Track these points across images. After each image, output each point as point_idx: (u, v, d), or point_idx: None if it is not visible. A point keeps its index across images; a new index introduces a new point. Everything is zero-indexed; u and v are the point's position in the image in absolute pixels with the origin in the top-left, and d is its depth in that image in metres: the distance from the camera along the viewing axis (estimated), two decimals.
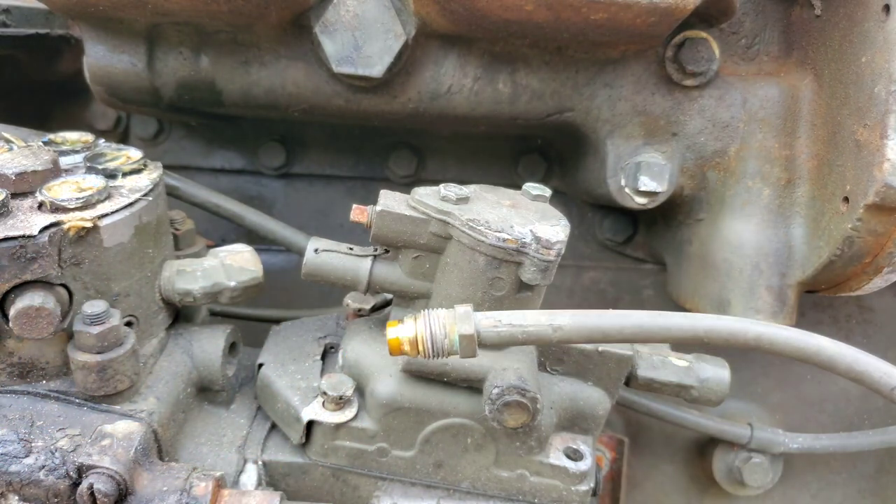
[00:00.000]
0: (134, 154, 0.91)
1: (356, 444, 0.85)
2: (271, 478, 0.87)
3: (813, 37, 1.02)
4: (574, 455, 0.87)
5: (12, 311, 0.72)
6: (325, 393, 0.84)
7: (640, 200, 1.06)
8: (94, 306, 0.75)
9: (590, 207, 1.32)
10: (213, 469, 0.80)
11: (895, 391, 0.68)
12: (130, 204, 0.81)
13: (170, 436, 0.82)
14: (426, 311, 0.70)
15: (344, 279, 0.85)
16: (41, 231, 0.72)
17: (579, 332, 0.65)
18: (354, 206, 0.83)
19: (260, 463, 0.87)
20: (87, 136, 0.96)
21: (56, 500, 0.72)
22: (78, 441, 0.74)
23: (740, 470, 1.31)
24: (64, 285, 0.76)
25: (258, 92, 1.03)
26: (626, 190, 1.06)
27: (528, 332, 0.66)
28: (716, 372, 0.93)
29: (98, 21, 0.98)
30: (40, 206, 0.77)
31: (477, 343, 0.67)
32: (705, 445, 1.37)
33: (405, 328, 0.71)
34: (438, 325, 0.69)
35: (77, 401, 0.79)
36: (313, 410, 0.84)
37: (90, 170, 0.86)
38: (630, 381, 0.92)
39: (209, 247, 0.99)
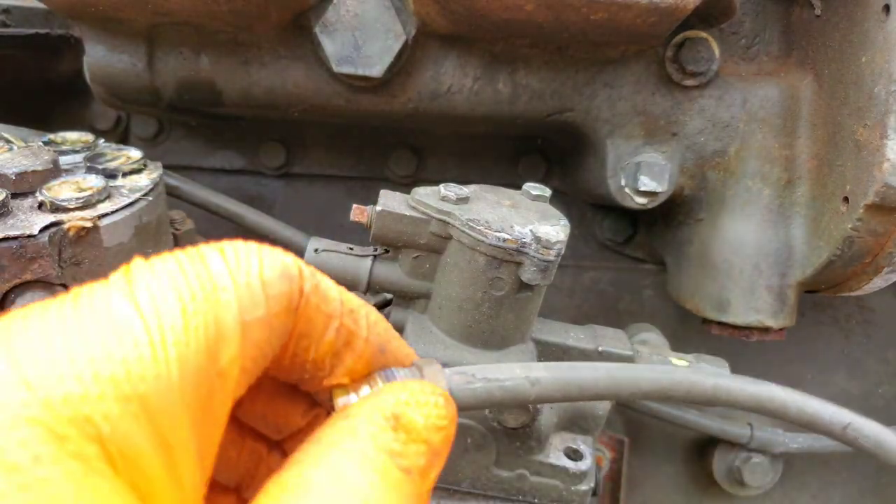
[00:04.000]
0: (134, 154, 0.91)
1: None
2: None
3: (813, 37, 1.02)
4: (574, 455, 0.87)
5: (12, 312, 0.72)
6: None
7: (640, 200, 1.06)
8: None
9: (590, 207, 1.32)
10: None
11: (847, 429, 0.66)
12: (130, 204, 0.81)
13: None
14: (383, 372, 0.62)
15: (344, 279, 0.85)
16: (41, 231, 0.72)
17: (557, 384, 0.61)
18: (354, 206, 0.83)
19: None
20: (87, 136, 0.96)
21: None
22: None
23: (740, 470, 1.31)
24: (64, 285, 0.76)
25: (258, 92, 1.04)
26: (626, 190, 1.06)
27: (504, 388, 0.59)
28: (716, 372, 0.93)
29: (98, 21, 0.98)
30: (40, 206, 0.77)
31: None
32: (705, 445, 1.37)
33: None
34: None
35: None
36: None
37: (90, 170, 0.86)
38: None
39: None
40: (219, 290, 0.37)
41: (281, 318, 0.40)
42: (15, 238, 0.71)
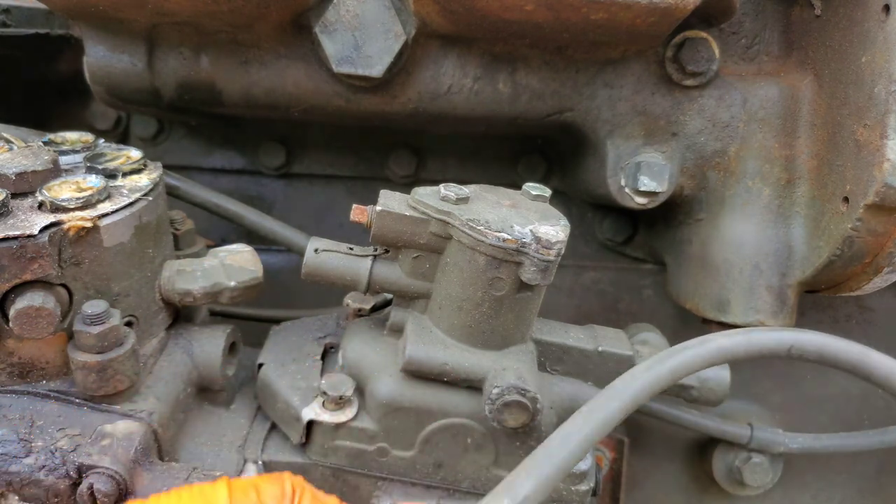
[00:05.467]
0: (134, 154, 0.91)
1: (356, 444, 0.85)
2: None
3: (813, 37, 1.02)
4: None
5: (12, 311, 0.72)
6: (325, 393, 0.84)
7: (640, 200, 1.06)
8: (94, 306, 0.75)
9: (590, 207, 1.32)
10: (213, 469, 0.80)
11: (791, 350, 0.70)
12: (130, 204, 0.81)
13: (170, 436, 0.82)
14: None
15: (344, 279, 0.85)
16: (41, 231, 0.72)
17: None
18: (354, 206, 0.83)
19: (260, 463, 0.87)
20: (87, 136, 0.96)
21: (56, 499, 0.72)
22: (78, 441, 0.74)
23: (740, 470, 1.31)
24: (64, 285, 0.76)
25: (258, 92, 1.04)
26: (626, 190, 1.06)
27: None
28: (716, 372, 0.93)
29: (98, 21, 0.98)
30: (40, 205, 0.77)
31: None
32: (705, 445, 1.37)
33: None
34: None
35: (77, 401, 0.79)
36: (313, 410, 0.84)
37: (90, 170, 0.86)
38: None
39: (209, 247, 0.99)
40: None
41: None
42: (15, 238, 0.71)
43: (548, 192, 0.88)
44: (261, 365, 0.92)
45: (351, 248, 0.86)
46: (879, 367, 0.71)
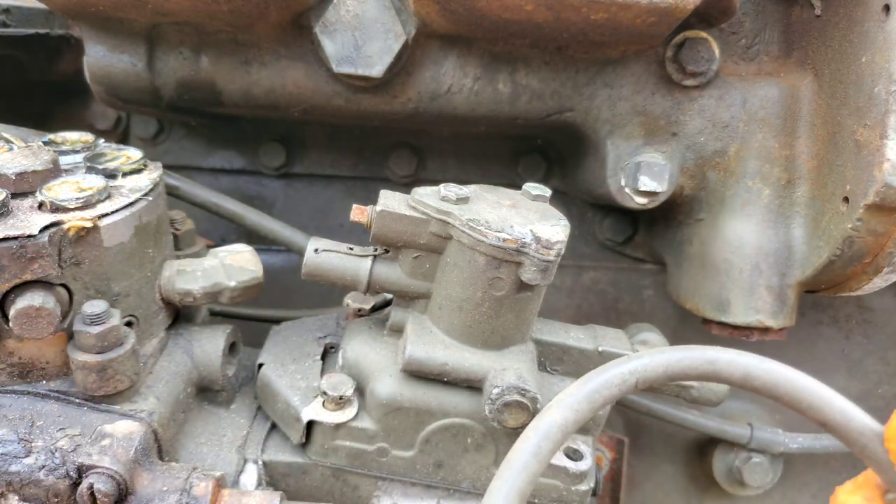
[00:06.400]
0: (134, 154, 0.91)
1: (356, 444, 0.85)
2: (271, 478, 0.87)
3: (813, 37, 1.02)
4: (574, 455, 0.87)
5: (12, 311, 0.72)
6: (325, 393, 0.84)
7: (640, 200, 1.06)
8: (94, 306, 0.75)
9: (590, 207, 1.32)
10: (213, 469, 0.80)
11: (638, 385, 0.70)
12: (130, 204, 0.81)
13: (170, 436, 0.82)
14: None
15: (344, 279, 0.85)
16: (41, 231, 0.72)
17: None
18: (354, 206, 0.83)
19: (260, 463, 0.87)
20: (87, 136, 0.96)
21: (56, 500, 0.72)
22: (78, 441, 0.74)
23: (740, 470, 1.31)
24: (64, 285, 0.76)
25: (258, 92, 1.04)
26: (626, 190, 1.06)
27: None
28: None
29: (98, 21, 0.98)
30: (40, 205, 0.77)
31: None
32: (705, 445, 1.37)
33: None
34: None
35: (77, 401, 0.79)
36: (313, 410, 0.84)
37: (90, 170, 0.86)
38: None
39: (209, 247, 0.99)
40: None
41: None
42: (15, 238, 0.71)
43: (548, 192, 0.88)
44: (261, 365, 0.92)
45: (351, 248, 0.86)
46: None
